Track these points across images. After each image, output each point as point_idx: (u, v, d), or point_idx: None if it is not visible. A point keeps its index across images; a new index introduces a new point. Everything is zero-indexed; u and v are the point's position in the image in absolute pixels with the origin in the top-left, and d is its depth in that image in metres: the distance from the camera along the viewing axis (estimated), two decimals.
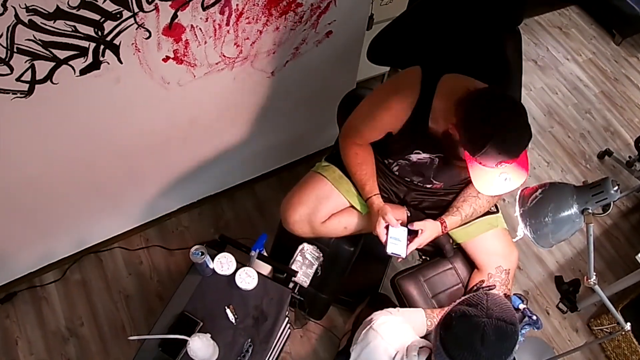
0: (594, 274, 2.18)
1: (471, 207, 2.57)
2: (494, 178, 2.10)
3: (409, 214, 2.70)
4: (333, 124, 2.93)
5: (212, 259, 2.53)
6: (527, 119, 2.04)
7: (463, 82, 2.21)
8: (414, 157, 2.47)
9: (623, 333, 2.72)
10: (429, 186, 2.61)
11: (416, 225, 2.53)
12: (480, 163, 2.06)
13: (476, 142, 2.01)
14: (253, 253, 2.58)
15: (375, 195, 2.56)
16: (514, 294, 2.44)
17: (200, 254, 2.42)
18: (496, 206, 2.74)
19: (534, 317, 2.32)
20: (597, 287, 2.22)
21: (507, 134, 1.97)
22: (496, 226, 2.66)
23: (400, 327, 2.12)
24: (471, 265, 2.76)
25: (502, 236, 2.67)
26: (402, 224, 2.54)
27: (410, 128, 2.33)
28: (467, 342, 1.71)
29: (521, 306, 2.38)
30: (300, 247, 2.72)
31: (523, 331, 2.36)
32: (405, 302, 2.74)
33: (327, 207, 2.63)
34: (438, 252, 2.79)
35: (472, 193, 2.59)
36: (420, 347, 1.93)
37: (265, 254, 2.72)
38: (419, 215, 2.71)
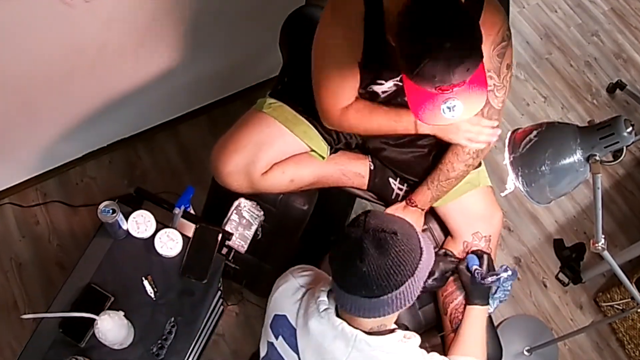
0: (603, 236, 2.20)
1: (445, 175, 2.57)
2: (434, 104, 2.05)
3: (372, 167, 2.73)
4: (276, 48, 2.93)
5: (126, 218, 2.54)
6: (477, 33, 1.96)
7: None
8: (378, 88, 2.47)
9: (638, 311, 2.74)
10: None
11: None
12: (419, 86, 2.01)
13: (408, 60, 1.96)
14: (177, 211, 2.59)
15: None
16: (472, 252, 2.49)
17: (111, 211, 2.41)
18: None
19: (488, 279, 2.36)
20: (606, 253, 2.24)
21: (445, 52, 1.89)
22: (477, 185, 2.68)
23: (319, 272, 2.16)
24: None
25: (482, 195, 2.69)
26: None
27: (369, 49, 2.31)
28: (348, 262, 1.76)
29: (474, 268, 2.41)
30: (235, 204, 2.72)
31: (499, 294, 2.42)
32: None
33: (269, 154, 2.60)
34: None
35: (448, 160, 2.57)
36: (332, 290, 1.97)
37: (192, 211, 2.73)
38: (383, 171, 2.76)
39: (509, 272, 2.38)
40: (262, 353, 2.17)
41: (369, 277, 1.73)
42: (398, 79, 2.42)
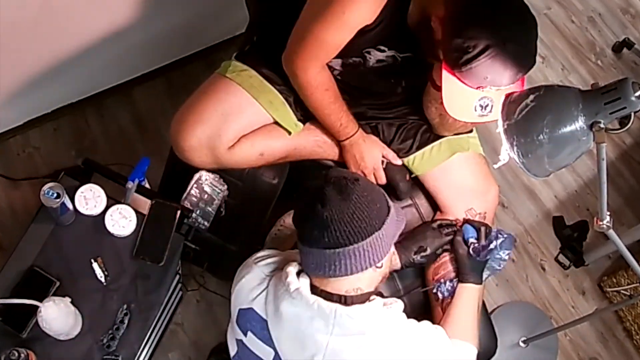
0: (608, 213, 2.20)
1: None
2: (471, 101, 2.11)
3: None
4: (241, 2, 2.90)
5: (74, 194, 2.51)
6: (536, 37, 2.04)
7: None
8: (373, 56, 2.46)
9: None
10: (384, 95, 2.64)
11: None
12: (459, 79, 2.06)
13: (460, 51, 2.00)
14: (130, 185, 2.57)
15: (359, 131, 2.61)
16: (469, 222, 2.49)
17: (55, 195, 2.36)
18: None
19: (483, 253, 2.38)
20: (611, 232, 2.24)
21: (508, 54, 1.97)
22: (466, 149, 2.66)
23: (286, 255, 2.17)
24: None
25: (476, 165, 2.68)
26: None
27: (388, 17, 2.26)
28: (310, 210, 1.84)
29: (470, 241, 2.41)
30: (196, 177, 2.71)
31: (493, 263, 2.43)
32: None
33: (236, 125, 2.57)
34: (389, 192, 2.79)
35: None
36: (303, 271, 1.99)
37: (147, 185, 2.71)
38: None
39: (500, 239, 2.38)
40: (232, 352, 2.19)
41: (332, 223, 1.80)
42: (401, 55, 2.41)
